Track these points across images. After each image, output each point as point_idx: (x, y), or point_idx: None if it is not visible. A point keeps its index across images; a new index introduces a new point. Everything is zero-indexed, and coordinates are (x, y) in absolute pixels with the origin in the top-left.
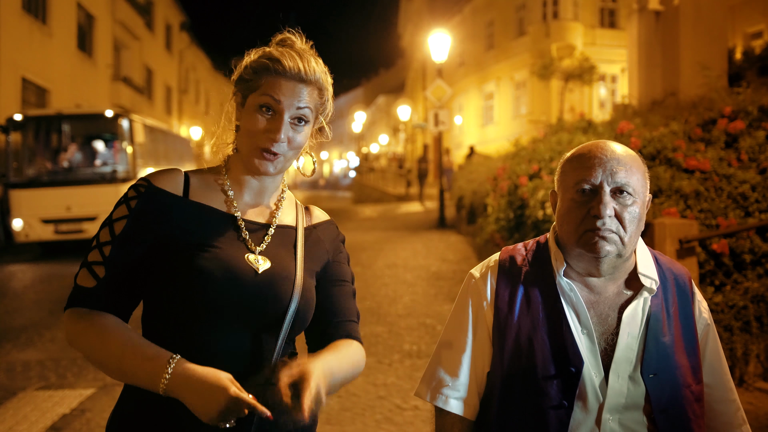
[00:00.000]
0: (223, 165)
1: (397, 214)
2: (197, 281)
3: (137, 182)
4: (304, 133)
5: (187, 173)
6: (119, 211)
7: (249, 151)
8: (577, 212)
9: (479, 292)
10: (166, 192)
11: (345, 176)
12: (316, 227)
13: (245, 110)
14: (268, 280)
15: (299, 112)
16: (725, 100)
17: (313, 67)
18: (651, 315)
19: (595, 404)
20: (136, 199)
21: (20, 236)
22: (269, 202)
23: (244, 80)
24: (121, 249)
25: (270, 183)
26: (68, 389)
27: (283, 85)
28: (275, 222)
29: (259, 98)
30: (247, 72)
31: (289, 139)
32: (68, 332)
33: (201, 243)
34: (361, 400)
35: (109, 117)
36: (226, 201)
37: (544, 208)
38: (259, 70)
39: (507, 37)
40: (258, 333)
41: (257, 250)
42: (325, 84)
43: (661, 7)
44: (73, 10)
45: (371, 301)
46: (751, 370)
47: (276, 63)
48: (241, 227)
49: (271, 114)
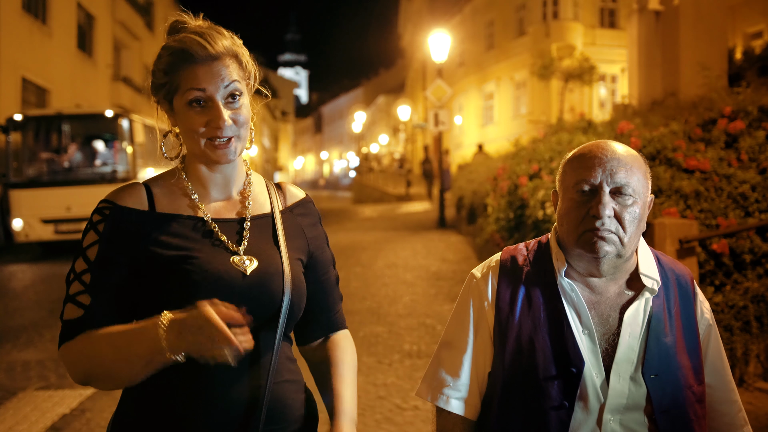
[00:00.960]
0: (181, 168)
1: (397, 214)
2: (185, 295)
3: (100, 205)
4: (244, 106)
5: (148, 184)
6: (88, 238)
7: (200, 147)
8: (576, 212)
9: (480, 292)
10: (131, 210)
11: (345, 176)
12: (292, 209)
13: (177, 113)
14: (258, 279)
15: (228, 90)
16: (725, 100)
17: (218, 41)
18: (652, 315)
19: (596, 405)
20: (102, 222)
21: (20, 236)
22: (237, 192)
23: (160, 86)
24: (101, 273)
25: (231, 171)
26: (68, 389)
27: (200, 72)
28: (248, 214)
29: (185, 96)
30: (157, 77)
31: (233, 119)
32: (68, 364)
33: (180, 255)
34: (361, 400)
35: (109, 117)
36: (191, 204)
37: (544, 208)
38: (170, 69)
39: (507, 37)
40: (255, 331)
41: (240, 250)
42: (237, 49)
43: (661, 7)
44: (73, 10)
45: (371, 301)
46: (751, 370)
47: (181, 54)
48: (214, 230)
49: (204, 105)
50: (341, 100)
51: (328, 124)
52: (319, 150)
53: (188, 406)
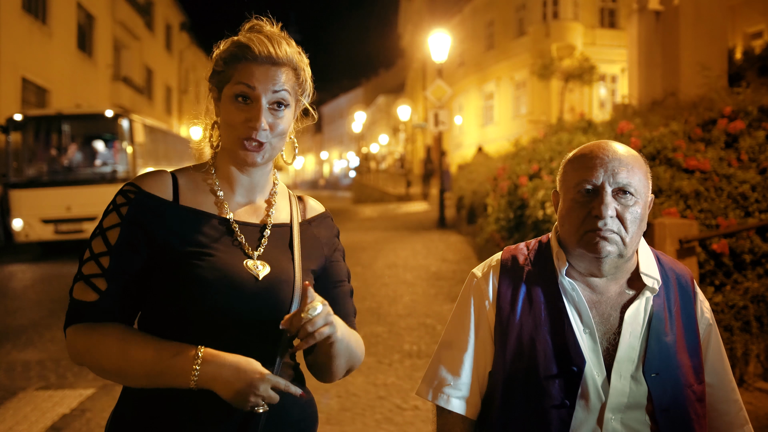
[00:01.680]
0: (211, 163)
1: (397, 214)
2: (196, 291)
3: (125, 188)
4: (285, 118)
5: (175, 174)
6: (110, 219)
7: (232, 143)
8: (578, 212)
9: (481, 292)
10: (156, 197)
11: (345, 176)
12: (311, 222)
13: (222, 103)
14: (269, 285)
15: (276, 96)
16: (725, 100)
17: (284, 49)
18: (653, 315)
19: (597, 404)
20: (126, 206)
21: (20, 236)
22: (262, 199)
23: (216, 73)
24: (120, 259)
25: (260, 177)
26: (68, 389)
27: (256, 71)
28: (270, 222)
29: (234, 88)
30: (218, 64)
31: (271, 125)
32: (75, 348)
33: (197, 251)
34: (361, 400)
35: (109, 117)
36: (217, 202)
37: (544, 208)
38: (230, 60)
39: (507, 37)
40: (259, 337)
41: (255, 255)
42: (299, 64)
43: (661, 7)
44: (73, 10)
45: (371, 301)
46: (751, 370)
47: (245, 49)
48: (235, 231)
49: (248, 102)
50: (341, 100)
51: (328, 124)
52: (319, 150)
53: (188, 407)
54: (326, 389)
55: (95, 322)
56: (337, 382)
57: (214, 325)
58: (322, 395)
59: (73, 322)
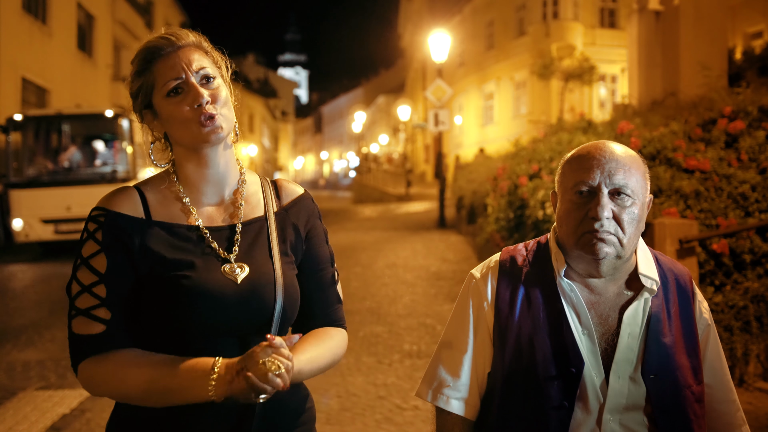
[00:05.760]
0: (172, 170)
1: (397, 214)
2: (180, 310)
3: (93, 213)
4: (220, 87)
5: (140, 189)
6: (89, 247)
7: (189, 133)
8: (575, 214)
9: (480, 293)
10: (127, 216)
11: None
12: (288, 210)
13: (160, 112)
14: (250, 287)
15: (201, 74)
16: (725, 100)
17: (184, 33)
18: (652, 315)
19: (595, 405)
20: (99, 231)
21: (20, 236)
22: (229, 193)
23: (138, 92)
24: (114, 284)
25: (223, 166)
26: (68, 389)
27: (170, 62)
28: (240, 219)
29: (162, 89)
30: (134, 84)
31: (211, 96)
32: (93, 381)
33: (174, 269)
34: (361, 400)
35: (109, 117)
36: (184, 209)
37: (544, 208)
38: (141, 71)
39: (507, 37)
40: (247, 337)
41: (231, 257)
42: (203, 43)
43: (661, 7)
44: (73, 10)
45: (371, 301)
46: (751, 370)
47: (149, 51)
48: (206, 236)
49: (181, 91)
50: (341, 100)
51: (328, 124)
52: (319, 150)
53: (184, 406)
54: (326, 389)
55: (106, 352)
56: (337, 382)
57: (205, 335)
58: (322, 395)
59: (84, 357)
